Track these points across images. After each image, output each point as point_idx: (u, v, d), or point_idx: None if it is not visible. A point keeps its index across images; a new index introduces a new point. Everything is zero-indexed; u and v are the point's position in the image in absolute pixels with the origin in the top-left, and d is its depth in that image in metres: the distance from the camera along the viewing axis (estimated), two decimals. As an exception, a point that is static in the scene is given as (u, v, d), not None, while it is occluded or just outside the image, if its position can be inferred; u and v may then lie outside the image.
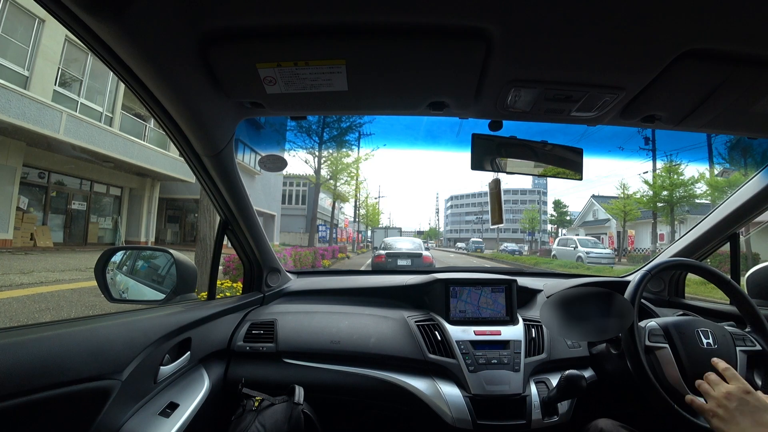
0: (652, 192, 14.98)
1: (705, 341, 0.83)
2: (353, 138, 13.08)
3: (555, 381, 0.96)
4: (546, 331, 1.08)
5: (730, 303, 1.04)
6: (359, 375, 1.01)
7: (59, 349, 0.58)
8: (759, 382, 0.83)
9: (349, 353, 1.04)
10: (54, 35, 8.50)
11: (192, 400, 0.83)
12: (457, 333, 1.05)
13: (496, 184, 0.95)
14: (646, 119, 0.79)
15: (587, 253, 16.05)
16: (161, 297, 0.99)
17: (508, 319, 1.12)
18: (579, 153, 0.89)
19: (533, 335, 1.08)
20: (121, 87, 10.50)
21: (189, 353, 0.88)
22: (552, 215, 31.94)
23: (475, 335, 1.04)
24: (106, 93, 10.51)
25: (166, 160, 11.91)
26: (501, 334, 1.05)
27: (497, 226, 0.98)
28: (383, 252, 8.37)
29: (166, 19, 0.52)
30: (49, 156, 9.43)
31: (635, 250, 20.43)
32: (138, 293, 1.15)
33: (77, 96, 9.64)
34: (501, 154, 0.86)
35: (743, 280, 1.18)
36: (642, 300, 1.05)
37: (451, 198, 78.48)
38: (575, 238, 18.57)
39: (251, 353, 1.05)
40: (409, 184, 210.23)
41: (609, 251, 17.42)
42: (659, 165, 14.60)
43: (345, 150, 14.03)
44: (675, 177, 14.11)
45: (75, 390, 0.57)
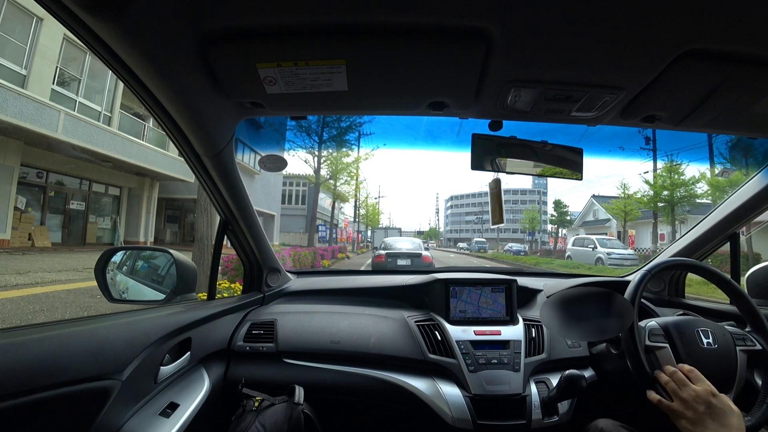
0: (652, 192, 14.85)
1: (705, 341, 0.83)
2: (353, 137, 13.11)
3: (555, 381, 0.96)
4: (546, 331, 1.08)
5: (730, 303, 1.04)
6: (359, 375, 1.01)
7: (59, 349, 0.58)
8: (759, 382, 0.83)
9: (349, 353, 1.04)
10: (52, 34, 8.47)
11: (192, 400, 0.83)
12: (457, 333, 1.05)
13: (496, 184, 0.95)
14: (646, 119, 0.79)
15: (608, 254, 14.18)
16: (161, 297, 0.99)
17: (508, 319, 1.12)
18: (579, 153, 0.89)
19: (533, 335, 1.08)
20: (120, 86, 10.47)
21: (189, 353, 0.88)
22: (552, 215, 31.89)
23: (475, 335, 1.04)
24: (104, 92, 10.48)
25: (165, 159, 11.88)
26: (501, 334, 1.05)
27: (497, 226, 0.98)
28: (383, 252, 8.46)
29: (166, 19, 0.52)
30: (48, 155, 9.42)
31: (636, 250, 20.33)
32: (138, 293, 1.15)
33: (75, 95, 9.62)
34: (501, 154, 0.86)
35: (743, 280, 1.18)
36: (642, 300, 1.05)
37: (451, 198, 78.55)
38: (593, 237, 16.36)
39: (251, 353, 1.05)
40: (409, 184, 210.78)
41: (631, 252, 15.69)
42: (660, 165, 14.54)
43: (345, 150, 14.05)
44: (676, 177, 14.02)
45: (75, 390, 0.57)
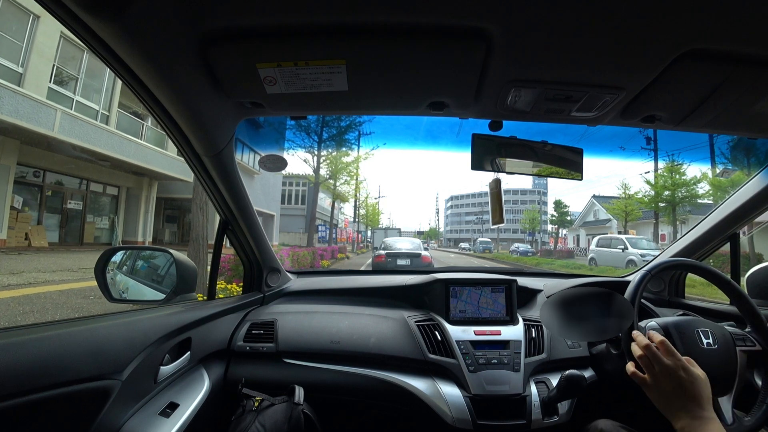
0: (653, 192, 14.75)
1: (705, 341, 0.83)
2: (353, 137, 13.10)
3: (555, 381, 0.96)
4: (546, 331, 1.08)
5: (730, 303, 1.04)
6: (359, 375, 1.01)
7: (59, 349, 0.58)
8: (759, 382, 0.83)
9: (349, 353, 1.04)
10: (49, 32, 8.43)
11: (192, 400, 0.83)
12: (457, 333, 1.05)
13: (496, 184, 0.95)
14: (646, 119, 0.79)
15: (642, 256, 12.05)
16: (161, 297, 0.99)
17: (508, 319, 1.12)
18: (579, 153, 0.89)
19: (533, 335, 1.08)
20: (118, 85, 10.44)
21: (189, 353, 0.88)
22: (552, 215, 31.92)
23: (475, 335, 1.04)
24: (102, 91, 10.43)
25: (163, 159, 11.84)
26: (501, 334, 1.05)
27: (498, 226, 0.98)
28: (383, 252, 8.52)
29: (166, 19, 0.52)
30: (45, 155, 9.38)
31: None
32: (138, 293, 1.15)
33: (73, 94, 9.58)
34: (501, 154, 0.86)
35: (743, 280, 1.18)
36: (642, 300, 1.05)
37: (451, 198, 78.62)
38: (623, 237, 14.25)
39: (251, 353, 1.05)
40: (409, 184, 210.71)
41: (665, 252, 14.81)
42: (661, 165, 14.46)
43: (344, 149, 14.03)
44: (677, 177, 13.93)
45: (75, 390, 0.57)
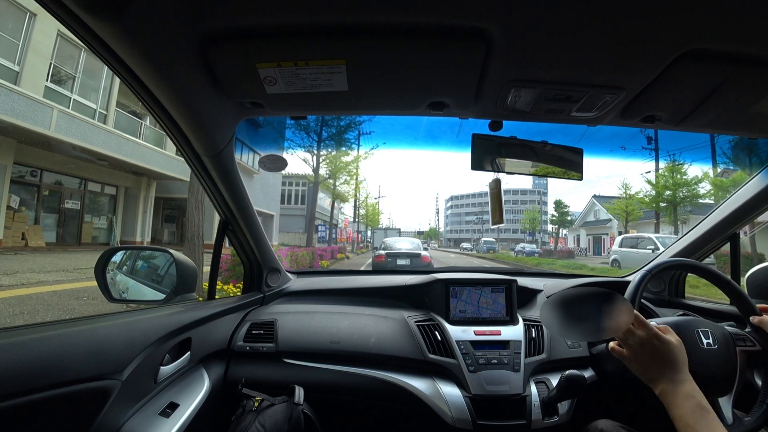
0: (654, 192, 14.69)
1: (705, 341, 0.83)
2: (352, 136, 13.08)
3: (555, 381, 0.96)
4: (546, 331, 1.08)
5: (730, 303, 1.05)
6: (359, 375, 1.01)
7: (59, 349, 0.57)
8: (759, 382, 0.83)
9: (349, 353, 1.04)
10: (46, 30, 8.37)
11: (192, 400, 0.83)
12: (457, 333, 1.05)
13: (496, 184, 0.95)
14: (646, 119, 0.79)
15: None
16: (161, 297, 0.99)
17: (508, 319, 1.12)
18: (579, 153, 0.89)
19: (533, 335, 1.08)
20: (116, 84, 10.40)
21: (189, 353, 0.87)
22: (553, 215, 31.96)
23: (475, 335, 1.04)
24: (100, 90, 10.38)
25: (162, 158, 11.79)
26: (501, 334, 1.05)
27: (497, 226, 0.98)
28: (383, 252, 8.56)
29: (166, 19, 0.52)
30: (42, 154, 9.32)
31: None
32: (138, 293, 1.15)
33: (70, 92, 9.53)
34: (501, 154, 0.86)
35: (743, 280, 1.19)
36: (642, 300, 1.05)
37: (451, 198, 78.64)
38: (653, 236, 13.05)
39: (251, 353, 1.05)
40: (409, 184, 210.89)
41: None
42: (662, 165, 14.41)
43: (344, 149, 14.01)
44: (678, 177, 13.87)
45: (75, 390, 0.57)
